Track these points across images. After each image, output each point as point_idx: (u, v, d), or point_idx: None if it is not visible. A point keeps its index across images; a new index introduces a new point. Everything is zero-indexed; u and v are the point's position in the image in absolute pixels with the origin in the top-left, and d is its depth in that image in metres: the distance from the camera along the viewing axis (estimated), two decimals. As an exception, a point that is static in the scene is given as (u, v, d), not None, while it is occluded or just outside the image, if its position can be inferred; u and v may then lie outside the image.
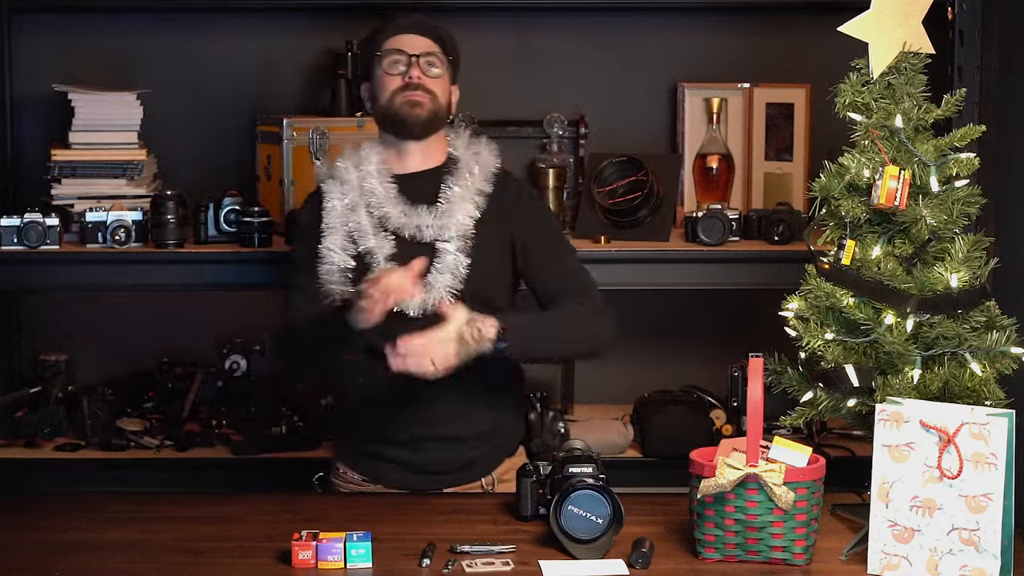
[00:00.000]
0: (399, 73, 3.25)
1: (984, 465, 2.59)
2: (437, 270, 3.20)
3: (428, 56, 3.26)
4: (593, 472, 2.79)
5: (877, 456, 2.66)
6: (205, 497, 3.20)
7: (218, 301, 4.29)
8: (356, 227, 3.25)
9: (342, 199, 3.27)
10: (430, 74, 3.26)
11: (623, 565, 2.66)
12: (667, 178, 4.04)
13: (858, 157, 2.85)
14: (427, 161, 3.30)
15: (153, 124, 4.08)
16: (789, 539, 2.66)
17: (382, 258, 3.21)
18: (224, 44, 4.31)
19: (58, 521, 2.96)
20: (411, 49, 3.26)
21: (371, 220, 3.25)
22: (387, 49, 3.27)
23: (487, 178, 3.29)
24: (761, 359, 2.66)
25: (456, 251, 3.22)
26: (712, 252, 3.88)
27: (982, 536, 2.59)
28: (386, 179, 3.28)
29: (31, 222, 3.82)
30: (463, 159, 3.31)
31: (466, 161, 3.30)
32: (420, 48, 3.27)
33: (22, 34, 4.25)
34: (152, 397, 4.22)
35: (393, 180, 3.28)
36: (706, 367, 4.21)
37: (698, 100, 4.23)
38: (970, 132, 2.84)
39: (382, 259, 3.21)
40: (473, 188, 3.27)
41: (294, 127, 3.99)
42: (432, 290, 3.19)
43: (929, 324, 2.80)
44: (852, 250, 2.88)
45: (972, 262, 2.82)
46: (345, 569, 2.66)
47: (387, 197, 3.26)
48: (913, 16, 2.88)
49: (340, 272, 3.23)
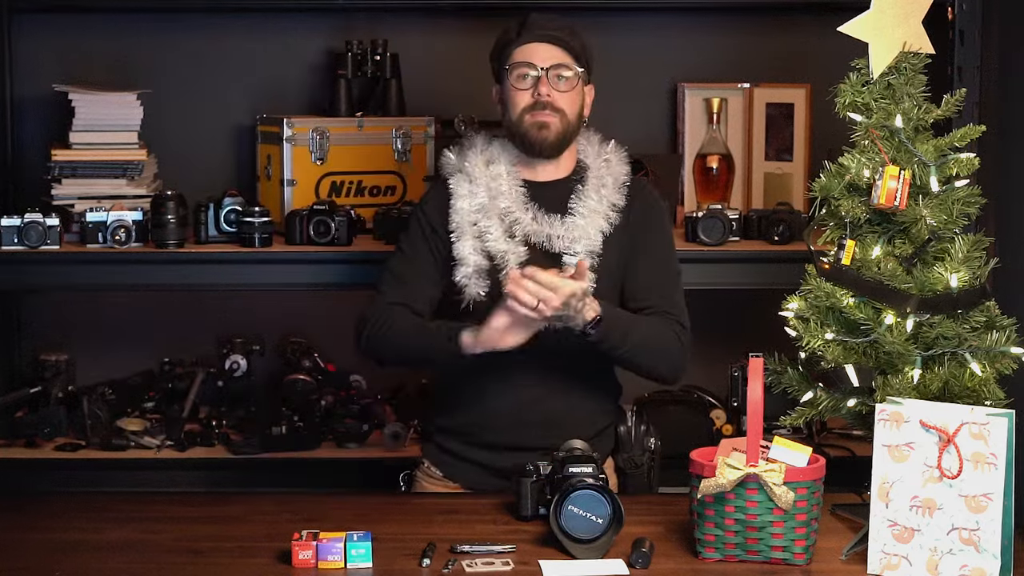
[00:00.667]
0: (528, 88, 3.20)
1: (984, 465, 2.59)
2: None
3: (557, 68, 3.21)
4: (593, 472, 2.79)
5: (877, 456, 2.66)
6: (205, 497, 3.21)
7: (218, 301, 4.29)
8: (487, 229, 3.20)
9: (471, 198, 3.23)
10: (559, 88, 3.20)
11: (623, 565, 2.66)
12: (667, 178, 4.04)
13: (858, 157, 2.85)
14: (558, 171, 3.28)
15: (153, 124, 4.08)
16: (789, 539, 2.66)
17: (515, 263, 3.17)
18: (224, 44, 4.31)
19: (58, 521, 2.96)
20: (540, 62, 3.20)
21: (502, 224, 3.21)
22: (516, 62, 3.21)
23: (619, 189, 3.27)
24: (761, 359, 2.65)
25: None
26: (712, 252, 3.88)
27: (982, 536, 2.59)
28: (517, 183, 3.24)
29: (31, 222, 3.81)
30: (593, 167, 3.27)
31: (596, 170, 3.27)
32: (550, 60, 3.20)
33: (22, 34, 4.25)
34: (152, 397, 4.22)
35: (524, 185, 3.25)
36: (706, 367, 4.20)
37: (698, 100, 4.23)
38: (970, 132, 2.84)
39: (514, 264, 3.16)
40: (606, 202, 3.24)
41: (294, 127, 3.99)
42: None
43: (929, 324, 2.80)
44: (852, 250, 2.88)
45: (972, 262, 2.82)
46: (345, 569, 2.66)
47: (518, 202, 3.22)
48: (913, 16, 2.88)
49: (476, 272, 3.19)
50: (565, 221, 3.22)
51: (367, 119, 4.09)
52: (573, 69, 3.22)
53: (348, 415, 4.14)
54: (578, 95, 3.24)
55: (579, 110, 3.25)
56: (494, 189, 3.23)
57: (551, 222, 3.22)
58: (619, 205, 3.25)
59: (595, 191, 3.25)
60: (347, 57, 4.16)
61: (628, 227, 3.27)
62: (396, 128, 4.05)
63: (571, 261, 3.17)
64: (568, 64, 3.22)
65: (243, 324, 4.31)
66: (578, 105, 3.24)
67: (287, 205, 3.97)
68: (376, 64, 4.16)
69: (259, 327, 4.31)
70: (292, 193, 3.99)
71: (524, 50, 3.22)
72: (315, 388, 4.17)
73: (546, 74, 3.20)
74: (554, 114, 3.20)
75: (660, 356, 3.22)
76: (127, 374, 4.29)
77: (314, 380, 4.19)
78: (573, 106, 3.23)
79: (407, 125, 4.07)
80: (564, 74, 3.22)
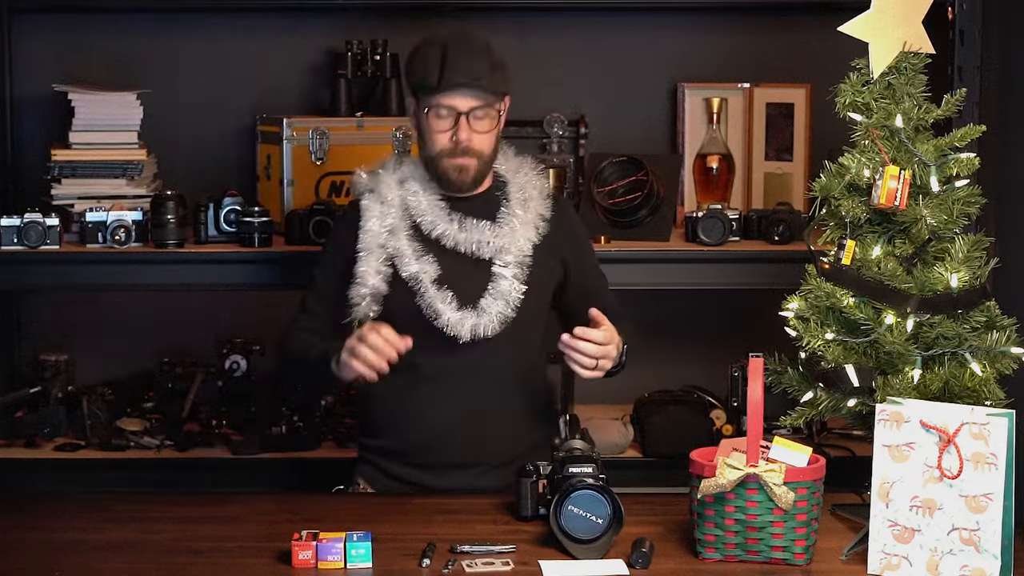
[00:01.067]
0: (447, 130, 3.19)
1: (984, 465, 2.59)
2: (491, 295, 3.20)
3: (476, 110, 3.19)
4: (593, 472, 2.79)
5: (877, 456, 2.66)
6: (205, 497, 3.20)
7: (218, 301, 4.29)
8: (395, 251, 3.21)
9: (382, 220, 3.23)
10: (479, 128, 3.20)
11: (623, 565, 2.66)
12: (667, 178, 4.04)
13: (858, 157, 2.85)
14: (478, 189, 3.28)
15: (153, 124, 4.08)
16: (789, 539, 2.66)
17: (428, 282, 3.19)
18: (224, 44, 4.30)
19: (58, 521, 2.96)
20: (461, 106, 3.18)
21: (412, 245, 3.21)
22: (435, 104, 3.19)
23: (545, 201, 3.28)
24: (761, 359, 2.65)
25: (512, 277, 3.20)
26: (712, 252, 3.88)
27: (982, 536, 2.58)
28: (435, 197, 3.24)
29: (31, 222, 3.81)
30: (513, 181, 3.28)
31: (517, 183, 3.28)
32: (469, 105, 3.19)
33: (22, 34, 4.25)
34: (152, 397, 4.22)
35: (442, 199, 3.25)
36: (706, 367, 4.20)
37: (698, 100, 4.23)
38: (970, 132, 2.84)
39: (428, 283, 3.18)
40: (535, 212, 3.26)
41: (294, 127, 3.99)
42: (484, 315, 3.19)
43: (929, 324, 2.80)
44: (852, 250, 2.88)
45: (972, 262, 2.82)
46: (345, 569, 2.66)
47: (439, 215, 3.22)
48: (913, 16, 2.88)
49: (372, 296, 3.21)
50: (494, 228, 3.23)
51: (367, 119, 4.09)
52: (492, 107, 3.21)
53: (348, 415, 4.14)
54: (496, 128, 3.23)
55: (496, 143, 3.25)
56: (413, 206, 3.23)
57: (480, 228, 3.22)
58: (546, 216, 3.27)
59: (520, 204, 3.26)
60: (347, 57, 4.16)
61: (557, 247, 3.29)
62: (396, 128, 4.05)
63: (502, 271, 3.19)
64: (487, 104, 3.20)
65: (243, 324, 4.31)
66: (495, 138, 3.24)
67: (287, 205, 3.97)
68: (376, 64, 4.16)
69: (259, 327, 4.31)
70: (292, 193, 3.99)
71: (443, 97, 3.19)
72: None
73: (466, 118, 3.18)
74: (472, 158, 3.20)
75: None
76: (127, 374, 4.29)
77: (314, 380, 4.19)
78: (491, 143, 3.23)
79: (407, 125, 4.06)
80: (482, 116, 3.20)
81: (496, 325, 3.19)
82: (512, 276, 3.21)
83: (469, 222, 3.23)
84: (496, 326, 3.19)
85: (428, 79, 3.19)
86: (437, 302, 3.18)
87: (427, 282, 3.19)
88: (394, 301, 3.22)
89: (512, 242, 3.22)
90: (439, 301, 3.18)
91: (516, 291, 3.20)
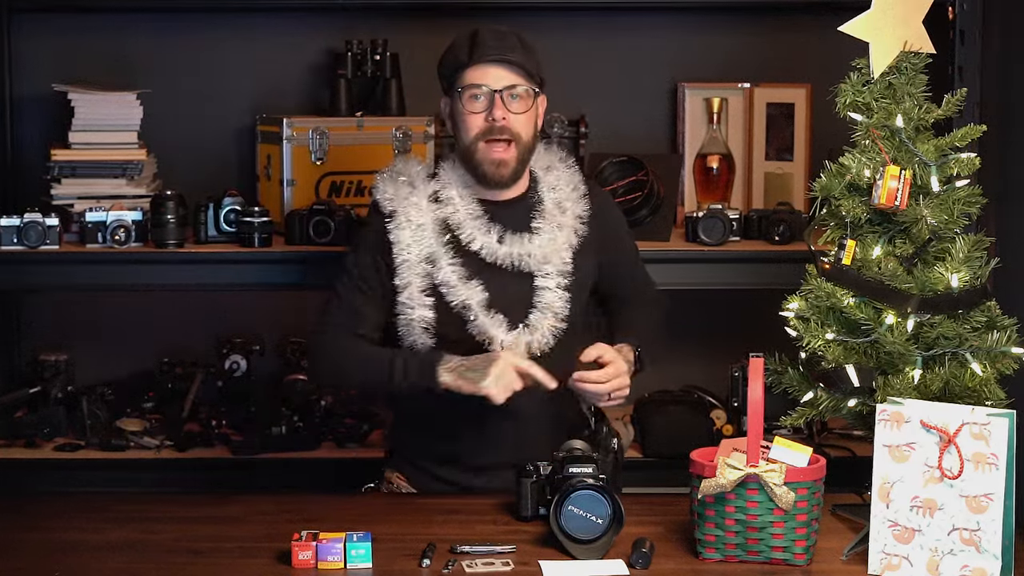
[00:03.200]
0: (481, 111, 3.14)
1: (985, 465, 2.59)
2: (539, 310, 3.17)
3: (511, 88, 3.14)
4: (593, 472, 2.79)
5: (877, 456, 2.66)
6: (205, 497, 3.20)
7: (218, 301, 4.29)
8: (440, 280, 3.14)
9: (418, 246, 3.15)
10: (514, 109, 3.14)
11: (623, 565, 2.66)
12: (667, 178, 4.03)
13: (858, 157, 2.85)
14: (516, 189, 3.24)
15: (153, 124, 4.08)
16: (789, 539, 2.66)
17: (478, 308, 3.14)
18: (224, 44, 4.30)
19: (58, 521, 2.96)
20: (494, 83, 3.13)
21: (456, 271, 3.15)
22: (468, 84, 3.14)
23: (580, 200, 3.24)
24: (761, 359, 2.65)
25: (556, 287, 3.18)
26: (712, 252, 3.88)
27: (983, 536, 2.58)
28: (472, 207, 3.19)
29: (31, 222, 3.81)
30: (543, 181, 3.24)
31: (549, 182, 3.24)
32: (503, 81, 3.13)
33: (22, 34, 4.25)
34: (152, 397, 4.22)
35: (481, 206, 3.20)
36: (706, 367, 4.20)
37: (698, 100, 4.23)
38: (971, 132, 2.84)
39: (479, 310, 3.14)
40: (572, 215, 3.22)
41: (294, 127, 3.99)
42: (535, 332, 3.16)
43: (930, 324, 2.80)
44: (852, 250, 2.88)
45: (973, 262, 2.82)
46: (345, 569, 2.66)
47: (477, 227, 3.17)
48: (913, 16, 2.88)
49: (420, 325, 3.16)
50: (533, 239, 3.18)
51: (367, 119, 4.08)
52: (527, 87, 3.16)
53: (348, 415, 4.14)
54: (533, 115, 3.18)
55: (534, 131, 3.19)
56: (450, 216, 3.17)
57: (520, 242, 3.18)
58: (583, 217, 3.24)
59: (555, 205, 3.22)
60: (347, 57, 4.16)
61: (594, 238, 3.27)
62: (396, 128, 4.04)
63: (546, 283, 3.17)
64: (521, 83, 3.15)
65: (243, 324, 4.30)
66: (533, 126, 3.18)
67: (287, 205, 3.97)
68: (376, 64, 4.16)
69: (259, 327, 4.31)
70: (292, 193, 3.98)
71: (476, 72, 3.14)
72: (315, 388, 4.17)
73: (500, 96, 3.14)
74: (509, 145, 3.14)
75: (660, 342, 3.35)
76: (127, 374, 4.29)
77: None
78: (528, 128, 3.17)
79: (407, 125, 4.06)
80: (516, 94, 3.14)
81: (549, 339, 3.17)
82: (556, 286, 3.18)
83: (508, 235, 3.17)
84: (550, 340, 3.17)
85: (459, 58, 3.16)
86: (490, 328, 3.14)
87: (477, 309, 3.14)
88: (445, 327, 3.16)
89: (553, 252, 3.18)
90: (492, 327, 3.14)
91: (562, 301, 3.18)
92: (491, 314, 3.15)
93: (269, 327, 4.32)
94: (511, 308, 3.17)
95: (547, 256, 3.18)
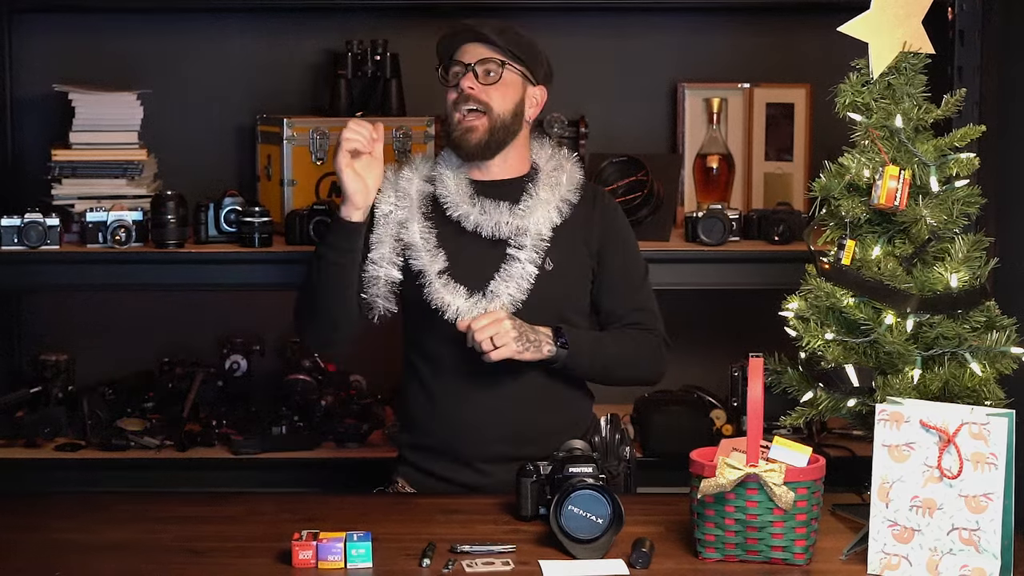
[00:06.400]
0: (455, 84, 3.23)
1: (984, 465, 2.59)
2: (501, 277, 3.18)
3: (484, 63, 3.22)
4: (593, 472, 2.79)
5: (877, 456, 2.67)
6: (205, 497, 3.21)
7: (218, 301, 4.29)
8: (408, 244, 3.22)
9: (397, 209, 3.24)
10: (486, 81, 3.21)
11: (623, 565, 2.66)
12: (667, 178, 4.03)
13: (858, 157, 2.85)
14: (508, 170, 3.28)
15: (153, 124, 4.08)
16: (789, 539, 2.66)
17: (434, 275, 3.18)
18: (224, 44, 4.31)
19: (58, 521, 2.96)
20: (468, 58, 3.23)
21: (424, 238, 3.21)
22: (447, 61, 3.26)
23: (575, 190, 3.27)
24: (761, 359, 2.65)
25: (526, 260, 3.19)
26: (712, 252, 3.88)
27: (982, 536, 2.59)
28: (463, 182, 3.24)
29: (31, 222, 3.81)
30: (545, 169, 3.28)
31: (548, 171, 3.27)
32: (477, 56, 3.22)
33: (22, 34, 4.25)
34: (152, 397, 4.22)
35: (471, 184, 3.25)
36: (706, 367, 4.20)
37: (698, 100, 4.23)
38: (970, 132, 2.85)
39: (434, 276, 3.18)
40: (558, 196, 3.25)
41: (294, 127, 3.99)
42: (494, 299, 3.17)
43: (929, 324, 2.81)
44: (852, 250, 2.88)
45: (972, 262, 2.82)
46: (345, 569, 2.66)
47: (462, 197, 3.22)
48: (913, 16, 2.88)
49: (386, 285, 3.22)
50: (513, 208, 3.21)
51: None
52: (501, 63, 3.22)
53: (348, 415, 4.14)
54: (510, 91, 3.24)
55: (513, 107, 3.24)
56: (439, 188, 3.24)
57: (500, 210, 3.21)
58: (572, 201, 3.26)
59: (547, 187, 3.25)
60: (347, 57, 4.16)
61: (589, 235, 3.27)
62: (396, 128, 4.05)
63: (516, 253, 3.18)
64: (495, 59, 3.22)
65: (243, 324, 4.31)
66: (511, 102, 3.23)
67: (287, 205, 3.97)
68: (376, 64, 4.16)
69: (259, 327, 4.31)
70: (292, 193, 3.98)
71: (456, 51, 3.25)
72: (315, 388, 4.17)
73: (472, 69, 3.21)
74: (479, 114, 3.21)
75: (635, 364, 3.29)
76: (127, 374, 4.29)
77: (314, 380, 4.19)
78: (505, 104, 3.23)
79: (407, 125, 4.06)
80: (489, 68, 3.22)
81: (507, 308, 3.16)
82: (526, 259, 3.19)
83: (490, 204, 3.22)
84: (508, 309, 3.16)
85: (444, 41, 3.27)
86: (445, 295, 3.17)
87: (432, 275, 3.18)
88: (408, 289, 3.23)
89: (531, 223, 3.20)
90: (447, 294, 3.17)
91: (528, 275, 3.18)
92: (447, 281, 3.18)
93: (269, 327, 4.32)
94: (476, 275, 3.19)
95: (523, 226, 3.20)
